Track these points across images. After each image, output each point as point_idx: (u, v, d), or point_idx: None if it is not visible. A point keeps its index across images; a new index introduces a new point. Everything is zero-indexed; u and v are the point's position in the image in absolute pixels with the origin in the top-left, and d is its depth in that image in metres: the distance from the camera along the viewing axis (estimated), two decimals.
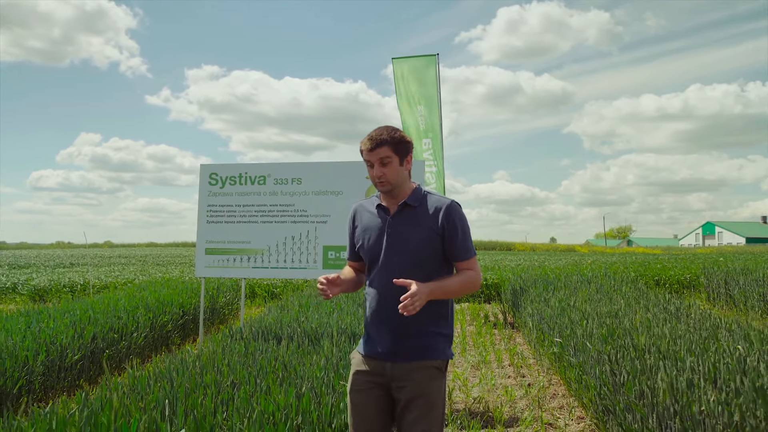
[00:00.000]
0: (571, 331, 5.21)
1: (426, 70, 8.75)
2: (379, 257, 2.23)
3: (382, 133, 2.20)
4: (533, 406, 4.83)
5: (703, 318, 5.38)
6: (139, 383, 3.17)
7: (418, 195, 2.26)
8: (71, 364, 5.57)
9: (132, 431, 2.35)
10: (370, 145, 2.19)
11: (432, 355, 2.19)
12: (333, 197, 5.76)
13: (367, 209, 2.35)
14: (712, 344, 3.87)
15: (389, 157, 2.18)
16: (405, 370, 2.17)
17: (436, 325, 2.22)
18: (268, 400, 2.83)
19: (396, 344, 2.18)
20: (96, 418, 2.38)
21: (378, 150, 2.17)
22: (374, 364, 2.23)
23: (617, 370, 3.67)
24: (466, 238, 2.22)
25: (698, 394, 2.83)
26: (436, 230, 2.18)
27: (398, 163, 2.20)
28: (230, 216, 5.96)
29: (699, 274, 13.06)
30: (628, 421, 3.20)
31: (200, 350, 4.41)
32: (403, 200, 2.24)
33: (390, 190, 2.22)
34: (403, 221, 2.23)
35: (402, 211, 2.24)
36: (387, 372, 2.20)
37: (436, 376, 2.19)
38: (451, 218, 2.19)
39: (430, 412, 2.15)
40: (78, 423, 2.33)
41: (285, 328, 5.52)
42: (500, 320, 9.78)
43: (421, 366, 2.18)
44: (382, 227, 2.25)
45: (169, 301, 8.12)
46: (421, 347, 2.19)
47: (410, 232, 2.20)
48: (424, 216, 2.21)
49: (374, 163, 2.19)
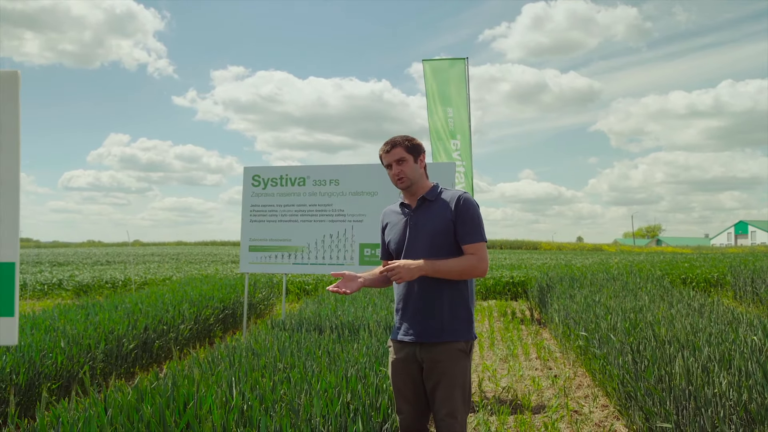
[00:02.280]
0: (595, 325, 5.47)
1: (455, 73, 9.03)
2: (402, 249, 2.54)
3: (396, 138, 2.58)
4: (559, 395, 5.11)
5: (725, 313, 5.58)
6: (205, 363, 3.56)
7: (435, 191, 2.58)
8: (127, 352, 6.04)
9: (209, 401, 2.73)
10: (386, 148, 2.57)
11: (456, 337, 2.45)
12: (368, 197, 6.10)
13: (393, 210, 2.69)
14: (729, 336, 4.10)
15: (403, 157, 2.52)
16: (432, 353, 2.43)
17: (457, 307, 2.47)
18: (321, 378, 3.19)
19: (421, 326, 2.46)
20: (178, 390, 2.77)
21: (393, 151, 2.53)
22: (406, 349, 2.51)
23: (638, 359, 3.94)
24: (474, 223, 2.47)
25: (711, 377, 3.09)
26: (450, 218, 2.46)
27: (412, 162, 2.54)
28: (272, 215, 6.36)
29: (726, 273, 13.08)
30: (648, 404, 3.47)
31: (249, 338, 4.80)
32: (421, 196, 2.56)
33: (409, 186, 2.55)
34: (422, 213, 2.53)
35: (422, 206, 2.55)
36: (417, 356, 2.47)
37: (461, 358, 2.44)
38: (460, 205, 2.47)
39: (455, 394, 2.41)
40: (164, 392, 2.71)
41: (324, 321, 5.90)
42: (527, 316, 10.03)
43: (447, 348, 2.43)
44: (405, 221, 2.57)
45: (210, 295, 8.60)
46: (445, 329, 2.44)
47: (429, 222, 2.49)
48: (440, 207, 2.51)
49: (392, 163, 2.54)
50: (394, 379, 2.56)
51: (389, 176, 2.60)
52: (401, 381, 2.53)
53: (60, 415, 2.42)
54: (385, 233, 2.68)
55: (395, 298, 2.61)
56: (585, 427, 4.24)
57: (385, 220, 2.72)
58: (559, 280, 9.75)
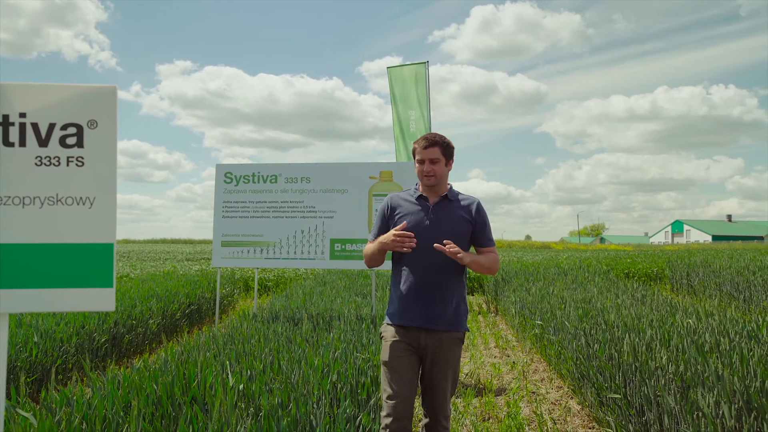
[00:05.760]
0: (551, 314, 5.93)
1: (417, 77, 9.41)
2: (420, 237, 2.61)
3: (435, 137, 2.69)
4: (519, 378, 5.53)
5: (664, 303, 6.15)
6: (195, 348, 3.76)
7: (454, 192, 2.79)
8: (98, 346, 6.10)
9: (209, 381, 2.96)
10: (425, 143, 2.66)
11: (458, 327, 2.65)
12: (339, 195, 6.37)
13: (405, 199, 2.77)
14: (668, 320, 4.61)
15: (438, 158, 2.66)
16: (436, 339, 2.60)
17: (461, 301, 2.68)
18: (310, 360, 3.46)
19: (432, 314, 2.60)
20: (180, 370, 2.98)
21: (430, 150, 2.65)
22: (411, 333, 2.62)
23: (591, 342, 4.38)
24: (490, 229, 2.78)
25: (654, 354, 3.54)
26: (470, 219, 2.70)
27: (444, 164, 2.69)
28: (244, 211, 6.54)
29: (664, 268, 14.01)
30: (600, 380, 3.90)
31: (230, 329, 5.00)
32: (443, 194, 2.73)
33: (435, 184, 2.70)
34: (443, 209, 2.71)
35: (442, 202, 2.72)
36: (422, 340, 2.61)
37: (458, 346, 2.67)
38: (481, 212, 2.75)
39: (450, 376, 2.63)
40: (171, 372, 2.92)
41: (296, 313, 6.13)
42: (484, 309, 10.52)
43: (449, 336, 2.62)
44: (424, 213, 2.69)
45: (175, 291, 8.66)
46: (450, 319, 2.63)
47: (449, 218, 2.69)
48: (459, 208, 2.72)
49: (425, 160, 2.66)
50: (394, 361, 2.59)
51: (416, 169, 2.71)
52: (401, 363, 2.59)
53: (75, 393, 2.60)
54: (395, 217, 2.73)
55: (400, 285, 2.67)
56: (543, 406, 4.65)
57: (394, 205, 2.77)
58: (515, 274, 10.28)
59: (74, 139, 1.81)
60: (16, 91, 1.75)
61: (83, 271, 1.78)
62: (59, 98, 1.80)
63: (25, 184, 1.78)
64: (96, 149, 1.81)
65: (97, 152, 1.81)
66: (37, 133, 1.78)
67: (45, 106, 1.79)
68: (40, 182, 1.78)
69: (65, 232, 1.78)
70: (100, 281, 1.78)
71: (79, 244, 1.79)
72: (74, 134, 1.80)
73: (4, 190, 1.76)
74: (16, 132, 1.77)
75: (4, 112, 1.75)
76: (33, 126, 1.78)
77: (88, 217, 1.79)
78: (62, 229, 1.78)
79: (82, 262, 1.78)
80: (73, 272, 1.78)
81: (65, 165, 1.80)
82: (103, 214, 1.79)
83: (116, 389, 2.72)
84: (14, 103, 1.74)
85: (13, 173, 1.75)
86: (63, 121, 1.81)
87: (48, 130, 1.79)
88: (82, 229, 1.78)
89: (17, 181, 1.77)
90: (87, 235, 1.78)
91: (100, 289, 1.78)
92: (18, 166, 1.76)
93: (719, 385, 2.75)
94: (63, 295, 1.77)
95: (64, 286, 1.78)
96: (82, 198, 1.79)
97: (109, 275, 1.77)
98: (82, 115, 1.80)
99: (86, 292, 1.78)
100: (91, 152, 1.81)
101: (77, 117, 1.81)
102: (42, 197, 1.78)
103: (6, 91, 1.74)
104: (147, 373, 3.00)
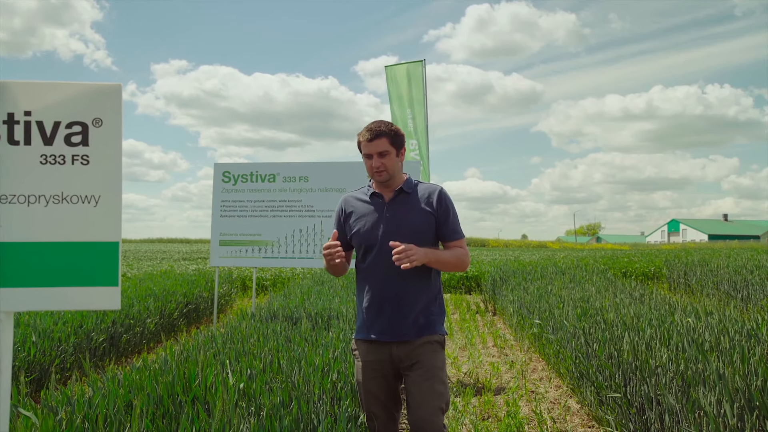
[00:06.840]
0: (549, 313, 5.94)
1: (414, 75, 9.42)
2: (376, 241, 2.34)
3: (380, 126, 2.33)
4: (517, 377, 5.54)
5: (663, 301, 6.18)
6: (195, 347, 3.76)
7: (411, 183, 2.44)
8: (96, 345, 6.08)
9: (209, 380, 2.95)
10: (369, 136, 2.31)
11: (432, 330, 2.37)
12: (337, 194, 6.37)
13: (358, 198, 2.47)
14: (667, 319, 4.62)
15: (387, 150, 2.32)
16: (410, 347, 2.32)
17: (432, 303, 2.40)
18: (310, 359, 3.46)
19: (399, 323, 2.32)
20: (181, 368, 2.98)
21: (377, 141, 2.31)
22: (380, 349, 2.35)
23: (590, 341, 4.39)
24: (455, 220, 2.42)
25: (654, 352, 3.55)
26: (432, 212, 2.37)
27: (395, 155, 2.35)
28: (242, 210, 6.53)
29: (662, 267, 14.07)
30: (599, 379, 3.91)
31: (228, 328, 4.99)
32: (398, 187, 2.40)
33: (387, 179, 2.36)
34: (400, 206, 2.39)
35: (398, 197, 2.40)
36: (393, 354, 2.34)
37: (438, 350, 2.37)
38: (443, 201, 2.40)
39: (435, 374, 2.32)
40: (171, 371, 2.92)
41: (295, 312, 6.13)
42: (482, 308, 10.53)
43: (424, 342, 2.34)
44: (379, 212, 2.38)
45: (173, 291, 8.65)
46: (422, 324, 2.35)
47: (408, 215, 2.37)
48: (418, 200, 2.39)
49: (373, 154, 2.33)
50: (366, 383, 2.39)
51: (366, 165, 2.39)
52: (375, 384, 2.38)
53: (75, 393, 2.59)
54: (349, 223, 2.45)
55: (364, 296, 2.41)
56: (542, 404, 4.66)
57: (348, 208, 2.48)
58: (513, 273, 10.30)
59: (79, 138, 1.80)
60: (21, 90, 1.75)
61: (89, 269, 1.78)
62: (64, 96, 1.80)
63: (30, 183, 1.77)
64: (101, 147, 1.81)
65: (102, 150, 1.81)
66: (42, 132, 1.78)
67: (50, 104, 1.78)
68: (45, 181, 1.78)
69: (70, 231, 1.78)
70: (105, 280, 1.78)
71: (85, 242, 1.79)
72: (79, 132, 1.80)
73: (9, 189, 1.75)
74: (21, 130, 1.77)
75: (9, 111, 1.74)
76: (38, 124, 1.78)
77: (94, 216, 1.79)
78: (67, 227, 1.78)
79: (88, 261, 1.78)
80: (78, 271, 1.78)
81: (70, 163, 1.79)
82: (109, 213, 1.78)
83: (117, 388, 2.72)
84: (19, 102, 1.74)
85: (18, 172, 1.75)
86: (68, 119, 1.80)
87: (53, 128, 1.79)
88: (87, 228, 1.78)
89: (22, 180, 1.77)
90: (92, 234, 1.79)
91: (105, 287, 1.79)
92: (23, 164, 1.76)
93: (721, 384, 2.76)
94: (68, 294, 1.77)
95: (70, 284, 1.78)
96: (87, 196, 1.79)
97: (114, 274, 1.76)
98: (87, 113, 1.80)
99: (92, 291, 1.78)
100: (96, 150, 1.80)
101: (82, 115, 1.80)
102: (47, 195, 1.78)
103: (11, 90, 1.74)
104: (147, 373, 3.00)
